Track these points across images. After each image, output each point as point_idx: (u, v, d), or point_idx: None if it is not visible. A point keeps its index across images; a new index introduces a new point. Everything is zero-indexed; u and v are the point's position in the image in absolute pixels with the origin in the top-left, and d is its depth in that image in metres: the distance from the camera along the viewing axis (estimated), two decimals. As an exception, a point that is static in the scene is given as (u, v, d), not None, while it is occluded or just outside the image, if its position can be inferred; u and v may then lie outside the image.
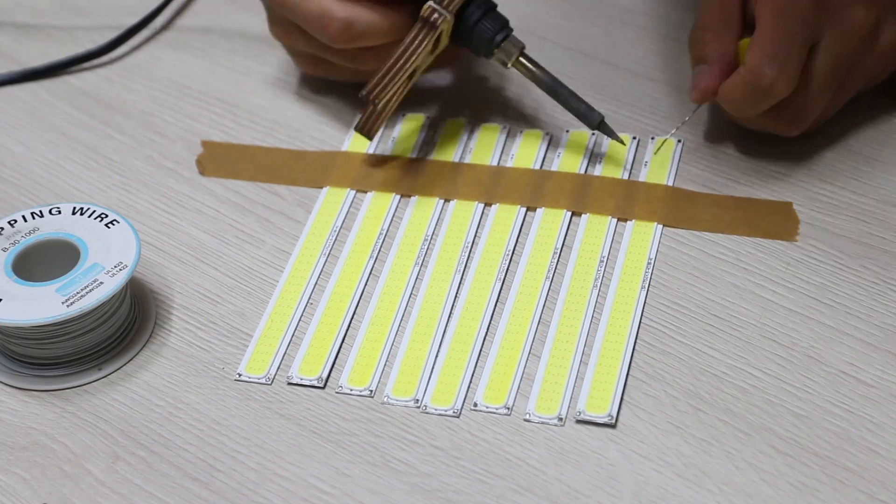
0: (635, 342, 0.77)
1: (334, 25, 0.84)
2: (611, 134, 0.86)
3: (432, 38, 0.84)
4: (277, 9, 0.87)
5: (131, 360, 0.77)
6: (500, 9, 0.87)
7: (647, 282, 0.80)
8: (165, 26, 1.00)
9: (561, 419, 0.73)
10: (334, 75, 0.91)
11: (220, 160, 0.90)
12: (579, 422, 0.73)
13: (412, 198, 0.86)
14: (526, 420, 0.73)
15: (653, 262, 0.81)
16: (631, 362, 0.76)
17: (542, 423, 0.73)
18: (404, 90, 0.86)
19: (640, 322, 0.78)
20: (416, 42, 0.84)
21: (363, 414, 0.74)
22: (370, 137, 0.86)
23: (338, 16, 0.84)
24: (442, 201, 0.86)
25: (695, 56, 0.85)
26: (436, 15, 0.83)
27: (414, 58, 0.84)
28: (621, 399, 0.74)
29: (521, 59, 0.87)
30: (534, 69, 0.87)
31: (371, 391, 0.76)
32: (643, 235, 0.82)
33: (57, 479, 0.72)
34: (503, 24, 0.86)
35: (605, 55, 0.96)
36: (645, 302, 0.79)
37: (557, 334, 0.77)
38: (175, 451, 0.73)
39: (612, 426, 0.73)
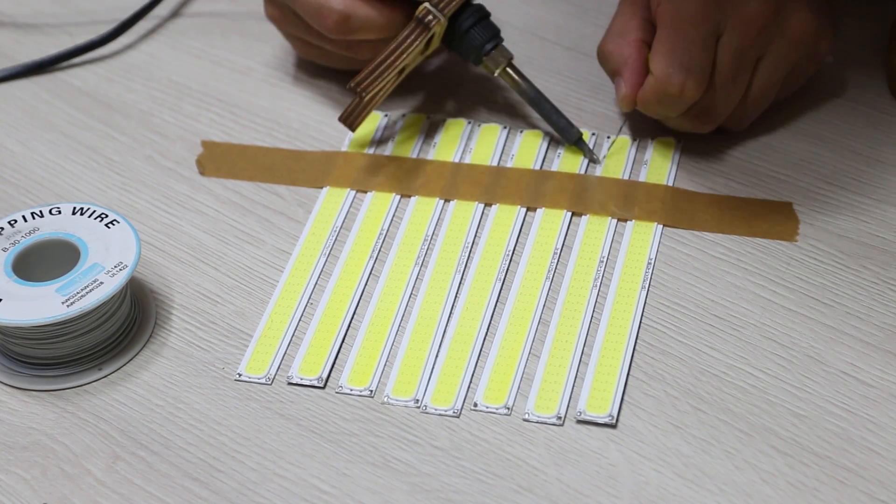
0: (636, 342, 0.77)
1: (332, 17, 0.85)
2: (588, 152, 0.87)
3: (424, 39, 0.85)
4: None
5: (131, 360, 0.77)
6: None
7: (648, 282, 0.80)
8: (164, 24, 1.00)
9: (560, 418, 0.73)
10: (327, 61, 0.92)
11: (220, 160, 0.90)
12: (580, 422, 0.73)
13: (412, 198, 0.86)
14: (525, 420, 0.73)
15: (653, 262, 0.81)
16: (631, 362, 0.76)
17: (541, 422, 0.73)
18: (392, 86, 0.87)
19: (640, 322, 0.78)
20: (409, 41, 0.85)
21: (363, 414, 0.74)
22: (353, 129, 0.87)
23: (336, 8, 0.85)
24: (442, 201, 0.86)
25: (607, 71, 0.87)
26: (430, 17, 0.85)
27: (405, 56, 0.85)
28: (622, 399, 0.74)
29: (508, 69, 0.88)
30: (519, 80, 0.88)
31: (371, 391, 0.76)
32: (643, 235, 0.82)
33: (57, 479, 0.72)
34: (494, 33, 0.88)
35: (605, 55, 0.96)
36: (645, 302, 0.79)
37: (557, 334, 0.77)
38: (175, 450, 0.73)
39: (613, 426, 0.73)
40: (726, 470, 0.71)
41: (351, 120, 0.87)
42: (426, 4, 0.85)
